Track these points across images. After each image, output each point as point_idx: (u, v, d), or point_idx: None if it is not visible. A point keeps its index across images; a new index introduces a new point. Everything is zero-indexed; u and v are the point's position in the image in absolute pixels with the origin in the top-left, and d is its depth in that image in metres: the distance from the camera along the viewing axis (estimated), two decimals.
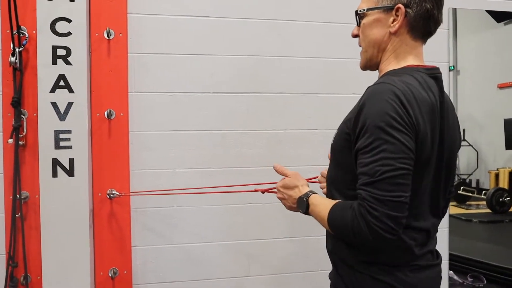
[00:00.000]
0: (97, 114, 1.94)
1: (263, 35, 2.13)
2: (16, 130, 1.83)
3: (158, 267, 2.05)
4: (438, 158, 1.17)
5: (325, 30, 2.18)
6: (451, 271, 2.42)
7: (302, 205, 1.28)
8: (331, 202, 1.20)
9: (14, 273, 1.87)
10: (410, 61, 1.22)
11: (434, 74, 1.20)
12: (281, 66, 2.14)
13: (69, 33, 1.85)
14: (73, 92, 1.86)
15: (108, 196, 1.95)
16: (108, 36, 1.93)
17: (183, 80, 2.05)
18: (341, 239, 1.21)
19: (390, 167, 1.03)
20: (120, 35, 1.96)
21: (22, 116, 1.86)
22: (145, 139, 2.02)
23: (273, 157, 2.13)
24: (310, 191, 1.31)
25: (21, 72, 1.84)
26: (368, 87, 1.16)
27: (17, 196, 1.84)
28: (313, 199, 1.27)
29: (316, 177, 1.61)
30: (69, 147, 1.86)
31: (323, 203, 1.22)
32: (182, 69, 2.05)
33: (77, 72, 1.86)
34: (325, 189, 1.48)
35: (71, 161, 1.87)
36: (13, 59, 1.80)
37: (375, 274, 1.16)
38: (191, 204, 2.07)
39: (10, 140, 1.82)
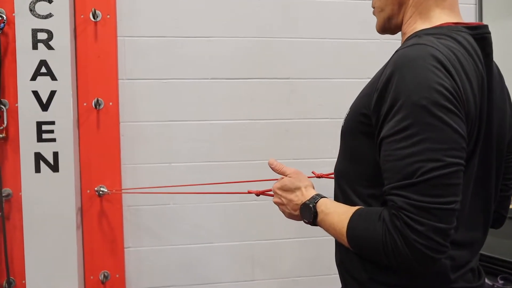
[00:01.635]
0: (84, 104, 1.78)
1: (268, 14, 1.92)
2: None
3: (153, 270, 1.88)
4: (485, 147, 0.89)
5: (337, 7, 1.96)
6: None
7: (308, 213, 0.99)
8: (348, 209, 0.92)
9: None
10: (444, 17, 0.92)
11: (480, 34, 0.90)
12: (288, 48, 1.93)
13: (50, 15, 1.68)
14: (56, 80, 1.69)
15: (97, 193, 1.78)
16: (94, 18, 1.76)
17: (178, 66, 1.86)
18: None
19: (437, 163, 0.76)
20: (108, 16, 1.78)
21: (2, 106, 1.71)
22: (138, 130, 1.85)
23: (280, 149, 1.93)
24: (317, 195, 1.01)
25: None
26: (397, 50, 0.87)
27: None
28: (322, 205, 0.98)
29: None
30: (53, 140, 1.70)
31: (336, 211, 0.94)
32: (178, 53, 1.86)
33: (60, 58, 1.69)
34: None
35: (55, 155, 1.70)
36: None
37: None
38: (189, 202, 1.89)
39: None
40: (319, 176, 1.43)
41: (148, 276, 1.88)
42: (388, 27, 1.01)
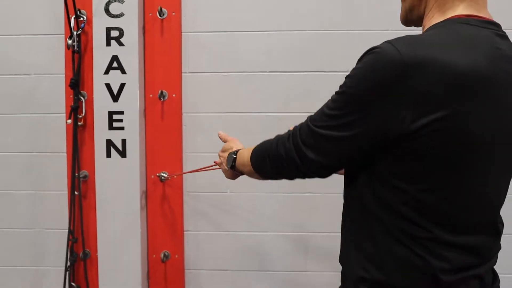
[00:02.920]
0: (151, 95, 1.93)
1: (327, 6, 1.90)
2: (74, 111, 1.89)
3: (210, 253, 1.99)
4: (486, 150, 0.84)
5: None
6: None
7: (230, 160, 1.20)
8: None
9: (75, 248, 1.95)
10: (460, 10, 0.87)
11: (489, 29, 0.85)
12: (348, 41, 1.91)
13: (121, 14, 1.85)
14: (125, 73, 1.86)
15: (159, 178, 1.93)
16: (160, 16, 1.89)
17: (238, 59, 1.93)
18: (348, 248, 0.96)
19: (323, 122, 0.87)
20: (173, 14, 1.90)
21: (81, 97, 1.92)
22: (199, 121, 1.96)
23: None
24: (242, 149, 1.21)
25: (79, 55, 1.90)
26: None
27: (76, 174, 1.91)
28: (241, 152, 1.18)
29: None
30: (122, 128, 1.87)
31: (248, 150, 1.11)
32: (237, 47, 1.93)
33: (129, 53, 1.85)
34: None
35: (123, 142, 1.88)
36: (70, 41, 1.85)
37: None
38: (245, 190, 1.96)
39: (69, 121, 1.89)
40: None
41: (205, 259, 1.99)
42: (410, 18, 0.98)
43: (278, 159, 0.96)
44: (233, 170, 1.22)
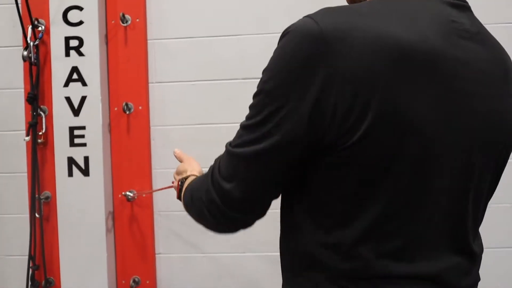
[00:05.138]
0: (115, 109, 1.79)
1: (302, 8, 1.76)
2: (33, 127, 1.75)
3: (184, 277, 1.83)
4: (434, 146, 0.65)
5: None
6: None
7: (179, 189, 1.04)
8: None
9: (37, 276, 1.80)
10: None
11: (445, 0, 0.70)
12: None
13: (81, 22, 1.72)
14: (86, 85, 1.73)
15: (126, 198, 1.78)
16: (123, 22, 1.76)
17: (208, 67, 1.80)
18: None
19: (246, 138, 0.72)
20: (137, 20, 1.78)
21: (41, 113, 1.78)
22: (168, 134, 1.81)
23: None
24: (193, 175, 1.02)
25: (37, 67, 1.77)
26: None
27: (36, 196, 1.77)
28: (188, 180, 0.98)
29: None
30: (84, 145, 1.73)
31: (193, 180, 0.94)
32: (208, 54, 1.80)
33: (90, 64, 1.73)
34: None
35: (86, 159, 1.74)
36: (25, 53, 1.72)
37: None
38: None
39: (27, 138, 1.75)
40: None
41: (179, 283, 1.83)
42: None
43: (199, 203, 0.80)
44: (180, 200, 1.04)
